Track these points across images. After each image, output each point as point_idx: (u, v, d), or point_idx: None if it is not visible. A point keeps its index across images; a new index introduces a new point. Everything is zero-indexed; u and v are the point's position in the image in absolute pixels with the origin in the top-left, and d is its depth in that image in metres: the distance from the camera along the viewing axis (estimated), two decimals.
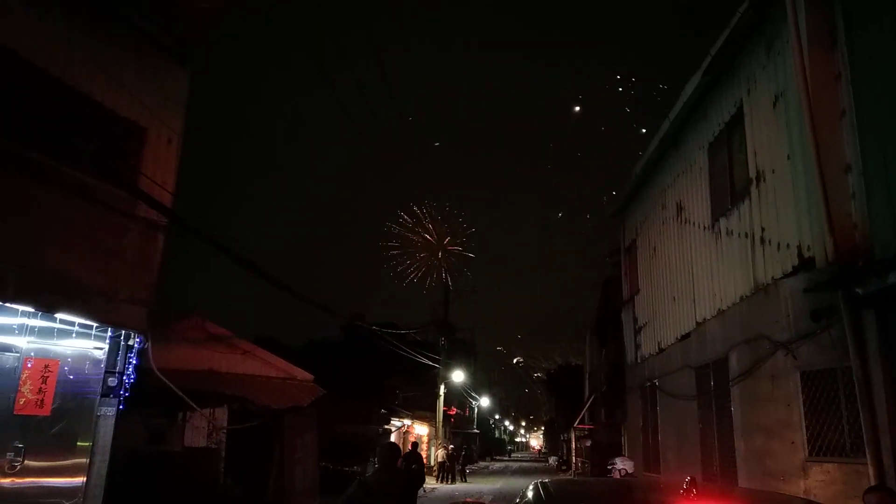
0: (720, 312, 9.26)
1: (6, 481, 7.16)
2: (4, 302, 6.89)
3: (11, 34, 7.25)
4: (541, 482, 4.14)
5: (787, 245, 7.24)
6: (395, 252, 41.94)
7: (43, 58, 7.57)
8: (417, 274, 41.73)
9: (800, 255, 6.94)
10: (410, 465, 20.67)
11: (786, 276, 7.22)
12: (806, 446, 6.68)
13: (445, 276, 34.62)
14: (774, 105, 7.66)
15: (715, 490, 4.16)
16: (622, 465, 12.88)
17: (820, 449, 6.53)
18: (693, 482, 3.02)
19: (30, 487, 7.35)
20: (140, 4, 8.90)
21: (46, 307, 7.27)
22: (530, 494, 4.22)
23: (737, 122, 8.83)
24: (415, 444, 24.26)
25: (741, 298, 8.50)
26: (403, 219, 41.32)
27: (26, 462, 7.31)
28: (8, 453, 7.18)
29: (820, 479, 6.45)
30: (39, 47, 7.55)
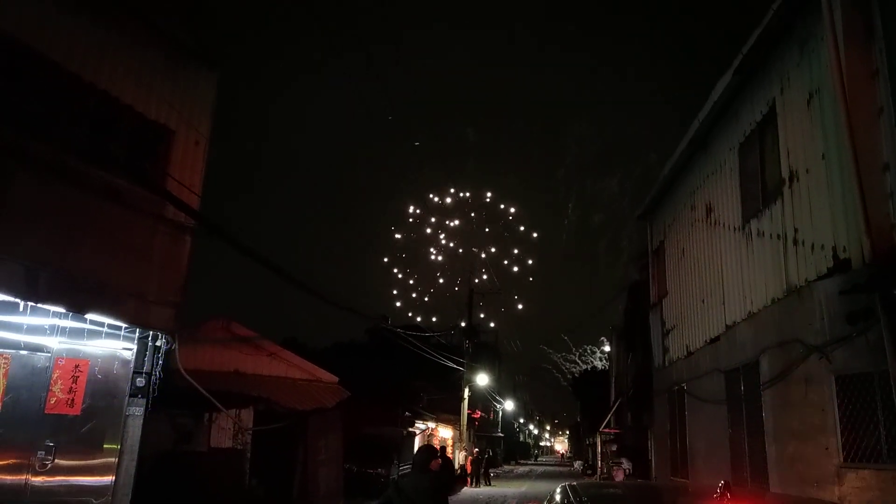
0: (751, 315, 9.09)
1: (37, 479, 7.28)
2: (36, 303, 7.00)
3: (45, 40, 7.38)
4: (569, 485, 4.06)
5: (822, 246, 7.08)
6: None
7: (75, 62, 7.70)
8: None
9: (835, 256, 6.77)
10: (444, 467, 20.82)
11: (820, 277, 7.05)
12: (841, 452, 6.51)
13: (470, 278, 34.52)
14: (808, 103, 7.49)
15: (749, 494, 4.06)
16: (627, 464, 12.70)
17: (855, 455, 6.36)
18: (727, 486, 2.93)
19: (60, 486, 7.46)
20: (169, 9, 9.00)
21: (77, 308, 7.37)
22: (558, 497, 4.15)
23: (769, 121, 8.66)
24: (442, 449, 24.31)
25: (773, 301, 8.32)
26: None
27: (57, 461, 7.42)
28: (39, 452, 7.30)
29: (855, 485, 6.28)
30: (72, 52, 7.67)
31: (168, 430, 12.06)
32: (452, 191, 44.80)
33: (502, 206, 48.63)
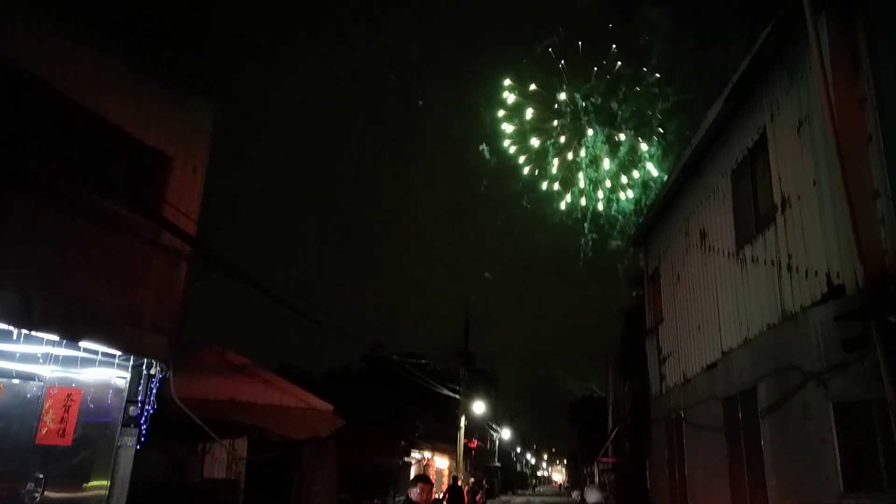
0: (747, 342, 9.07)
1: None
2: (30, 330, 6.94)
3: (46, 66, 7.45)
4: None
5: (816, 272, 7.10)
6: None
7: (76, 90, 7.76)
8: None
9: (829, 282, 6.79)
10: (454, 499, 20.87)
11: (815, 304, 7.06)
12: (841, 481, 6.45)
13: (466, 302, 34.37)
14: (799, 130, 7.58)
15: None
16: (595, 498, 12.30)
17: (856, 484, 6.30)
18: None
19: None
20: (169, 36, 9.10)
21: (72, 336, 7.32)
22: None
23: (760, 148, 8.75)
24: (454, 479, 24.19)
25: (768, 327, 8.32)
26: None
27: (46, 493, 7.29)
28: (28, 483, 7.18)
29: None
30: (72, 79, 7.73)
31: (160, 461, 11.93)
32: None
33: None
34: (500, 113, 49.75)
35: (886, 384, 5.60)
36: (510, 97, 47.94)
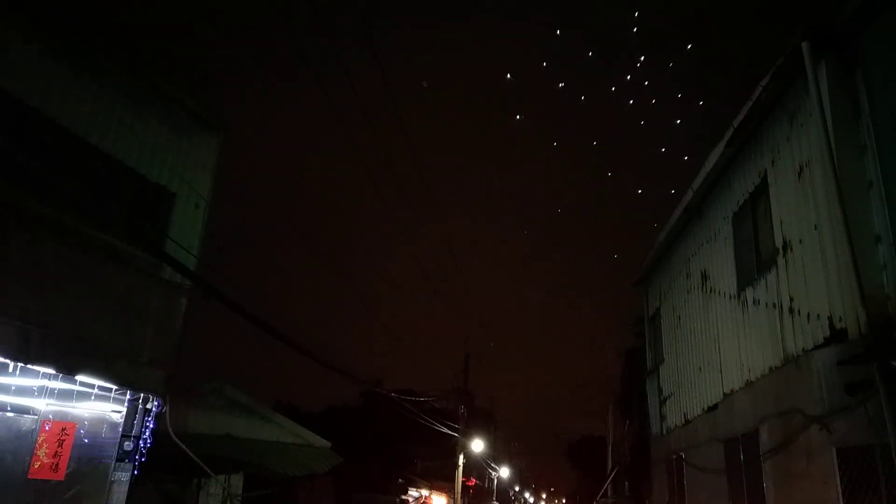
0: (748, 384, 9.01)
1: None
2: (27, 364, 6.91)
3: (50, 101, 7.55)
4: None
5: (818, 316, 7.08)
6: None
7: (79, 125, 7.85)
8: None
9: (831, 325, 6.77)
10: None
11: (817, 347, 7.02)
12: None
13: (466, 339, 34.24)
14: (800, 175, 7.63)
15: None
16: None
17: None
18: None
19: None
20: (172, 73, 9.24)
21: (68, 369, 7.28)
22: None
23: (761, 192, 8.80)
24: None
25: (770, 370, 8.27)
26: None
27: None
28: None
29: None
30: (75, 114, 7.83)
31: (154, 496, 11.72)
32: None
33: None
34: None
35: (890, 429, 5.54)
36: None
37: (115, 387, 7.93)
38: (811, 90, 6.79)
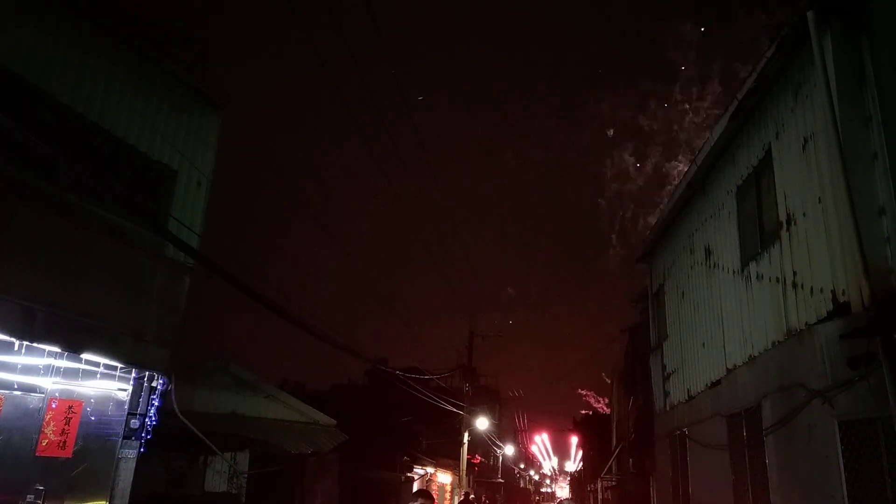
0: (751, 359, 9.01)
1: None
2: (32, 342, 6.96)
3: (50, 79, 7.51)
4: None
5: (821, 289, 7.05)
6: None
7: (80, 102, 7.81)
8: None
9: (834, 299, 6.75)
10: None
11: (820, 321, 7.01)
12: (846, 500, 6.37)
13: (470, 319, 34.22)
14: (804, 148, 7.56)
15: None
16: None
17: (861, 502, 6.22)
18: None
19: None
20: (174, 50, 9.17)
21: (73, 348, 7.33)
22: None
23: (765, 165, 8.73)
24: (466, 494, 24.11)
25: (773, 344, 8.26)
26: None
27: None
28: (28, 496, 7.16)
29: None
30: (78, 93, 7.79)
31: (161, 473, 11.86)
32: None
33: None
34: None
35: (892, 402, 5.55)
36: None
37: (120, 365, 7.98)
38: (816, 60, 6.70)
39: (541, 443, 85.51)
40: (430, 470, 31.62)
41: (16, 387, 7.21)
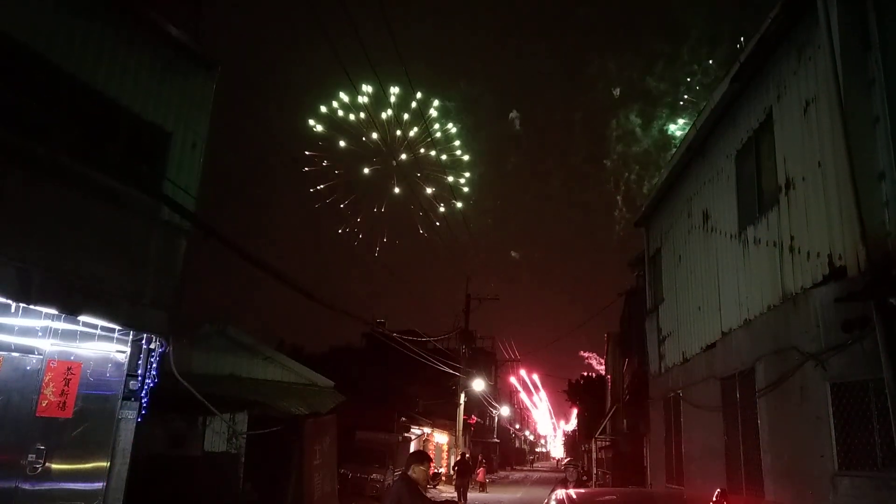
0: (746, 322, 9.07)
1: (27, 484, 7.20)
2: (29, 304, 6.95)
3: (40, 39, 7.36)
4: (563, 491, 4.04)
5: (818, 254, 7.07)
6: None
7: (72, 63, 7.67)
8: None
9: (830, 263, 6.76)
10: (462, 472, 22.08)
11: (816, 285, 7.04)
12: (836, 459, 6.48)
13: (466, 283, 34.33)
14: (805, 111, 7.49)
15: (745, 502, 4.04)
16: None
17: (850, 462, 6.34)
18: (723, 494, 2.91)
19: (50, 490, 7.39)
20: (167, 9, 8.98)
21: (70, 310, 7.32)
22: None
23: (766, 128, 8.66)
24: (463, 454, 24.54)
25: (769, 308, 8.31)
26: None
27: (47, 464, 7.35)
28: (29, 455, 7.23)
29: (849, 493, 6.26)
30: (67, 52, 7.65)
31: (161, 434, 12.02)
32: None
33: None
34: None
35: (885, 365, 5.60)
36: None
37: (117, 327, 8.00)
38: (821, 21, 6.60)
39: (527, 377, 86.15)
40: (427, 430, 32.10)
41: (13, 348, 7.23)
